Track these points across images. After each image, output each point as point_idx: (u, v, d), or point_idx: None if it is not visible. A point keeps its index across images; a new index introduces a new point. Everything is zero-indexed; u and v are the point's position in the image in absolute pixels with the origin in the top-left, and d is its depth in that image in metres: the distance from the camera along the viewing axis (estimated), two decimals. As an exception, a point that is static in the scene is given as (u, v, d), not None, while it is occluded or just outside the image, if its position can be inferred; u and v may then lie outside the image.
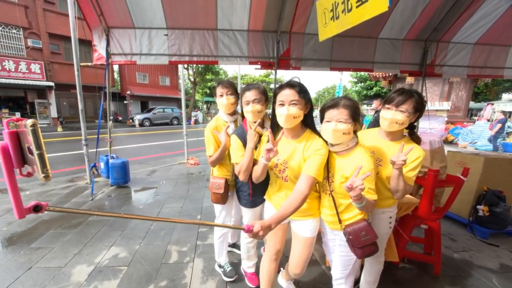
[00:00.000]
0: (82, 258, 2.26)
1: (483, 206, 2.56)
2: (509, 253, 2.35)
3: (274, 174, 1.37)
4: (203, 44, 3.91)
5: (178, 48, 3.91)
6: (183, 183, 4.51)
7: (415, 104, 1.25)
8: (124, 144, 9.49)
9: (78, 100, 3.99)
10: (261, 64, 3.91)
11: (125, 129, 16.09)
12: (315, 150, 1.22)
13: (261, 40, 3.89)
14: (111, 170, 4.15)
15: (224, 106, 1.71)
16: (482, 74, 4.19)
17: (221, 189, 1.71)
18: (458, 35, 3.96)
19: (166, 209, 3.40)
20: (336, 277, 1.39)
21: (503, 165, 2.67)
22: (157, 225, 2.90)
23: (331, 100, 1.23)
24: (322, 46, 3.86)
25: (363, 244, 1.17)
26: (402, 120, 1.24)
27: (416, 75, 4.13)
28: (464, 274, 2.03)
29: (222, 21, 3.78)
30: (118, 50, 3.87)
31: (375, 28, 3.83)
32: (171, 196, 3.85)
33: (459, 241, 2.56)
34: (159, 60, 3.94)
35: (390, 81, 9.31)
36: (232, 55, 3.91)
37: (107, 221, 3.02)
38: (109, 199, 3.76)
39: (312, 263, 2.21)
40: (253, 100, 1.47)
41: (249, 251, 1.88)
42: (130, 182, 4.39)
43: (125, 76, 22.97)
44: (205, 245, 2.48)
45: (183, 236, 2.66)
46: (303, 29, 3.83)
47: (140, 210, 3.39)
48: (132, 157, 6.47)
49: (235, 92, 1.76)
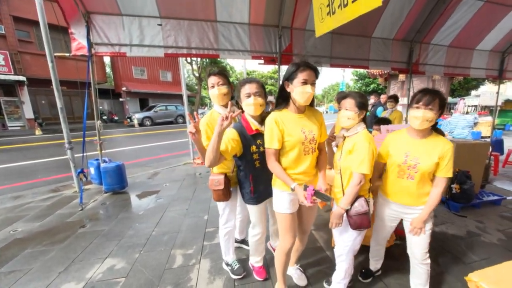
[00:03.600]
0: (70, 275, 1.76)
1: (455, 185, 2.64)
2: (474, 221, 2.46)
3: (302, 150, 1.27)
4: (202, 36, 3.19)
5: (174, 40, 3.13)
6: (189, 184, 3.73)
7: (440, 102, 1.21)
8: (121, 146, 7.63)
9: (56, 97, 3.00)
10: (264, 59, 3.34)
11: (122, 129, 12.79)
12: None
13: (263, 34, 3.32)
14: (104, 175, 3.26)
15: (216, 97, 1.49)
16: (454, 73, 4.19)
17: (221, 185, 1.47)
18: (436, 37, 3.91)
19: (170, 213, 2.73)
20: (338, 253, 1.42)
21: (469, 149, 2.81)
22: (160, 230, 2.39)
23: (344, 92, 1.37)
24: (322, 43, 3.48)
25: (354, 213, 1.24)
26: (432, 117, 1.20)
27: (404, 72, 3.98)
28: (442, 244, 2.10)
29: (222, 13, 3.12)
30: (102, 40, 2.95)
31: (369, 28, 3.60)
32: (175, 199, 3.13)
33: (439, 216, 2.57)
34: (153, 52, 3.11)
35: (385, 78, 9.35)
36: (234, 48, 3.27)
37: (100, 231, 2.34)
38: (103, 207, 2.92)
39: (318, 249, 2.05)
40: (255, 93, 1.30)
41: (258, 247, 1.65)
42: (128, 187, 3.52)
43: (119, 71, 17.99)
44: (212, 245, 2.10)
45: (189, 238, 2.23)
46: (304, 25, 3.37)
47: (140, 216, 2.67)
48: (131, 160, 5.41)
49: (228, 82, 1.52)
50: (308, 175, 1.33)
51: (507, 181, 3.70)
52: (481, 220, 2.46)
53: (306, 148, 1.26)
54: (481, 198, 2.77)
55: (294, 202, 1.34)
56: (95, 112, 3.17)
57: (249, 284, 1.64)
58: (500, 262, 0.88)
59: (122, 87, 17.49)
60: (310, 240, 2.13)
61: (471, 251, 1.95)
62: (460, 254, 1.92)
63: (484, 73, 4.40)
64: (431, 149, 1.22)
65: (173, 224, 2.46)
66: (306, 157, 1.28)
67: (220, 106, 1.52)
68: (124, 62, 17.96)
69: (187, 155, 5.38)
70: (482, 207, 2.73)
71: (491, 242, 2.07)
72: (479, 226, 2.35)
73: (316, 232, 2.28)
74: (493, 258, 1.84)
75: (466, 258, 1.86)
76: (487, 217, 2.53)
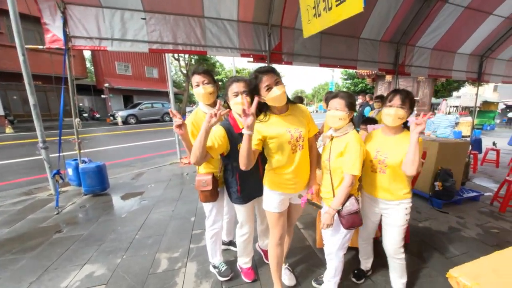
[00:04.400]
0: (43, 285, 1.65)
1: (438, 182, 2.74)
2: (455, 217, 2.56)
3: (290, 149, 1.26)
4: (189, 32, 3.11)
5: (159, 35, 3.03)
6: (176, 184, 3.63)
7: (410, 101, 1.30)
8: (103, 145, 7.32)
9: (28, 92, 2.81)
10: (253, 57, 3.31)
11: (105, 127, 12.16)
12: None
13: (252, 32, 3.30)
14: (83, 176, 3.10)
15: (202, 96, 1.44)
16: (438, 75, 4.38)
17: (209, 185, 1.43)
18: (421, 40, 4.06)
19: (154, 215, 2.64)
20: (328, 252, 1.42)
21: (451, 148, 2.92)
22: (144, 233, 2.30)
23: (333, 92, 1.34)
24: (311, 43, 3.51)
25: (346, 213, 1.24)
26: (403, 115, 1.28)
27: (390, 73, 4.11)
28: (425, 238, 2.18)
29: (209, 8, 3.07)
30: (81, 33, 2.80)
31: (358, 29, 3.68)
32: (160, 200, 3.03)
33: (423, 212, 2.66)
34: (137, 47, 2.99)
35: (373, 79, 9.60)
36: (222, 45, 3.22)
37: (79, 236, 2.21)
38: (82, 210, 2.78)
39: (306, 248, 2.05)
40: (243, 91, 1.28)
41: (246, 248, 1.64)
42: (109, 188, 3.36)
43: (101, 66, 17.22)
44: (199, 248, 2.04)
45: (175, 241, 2.16)
46: (293, 24, 3.38)
47: (123, 219, 2.56)
48: (113, 160, 5.19)
49: (213, 81, 1.49)
50: (301, 176, 1.33)
51: (484, 178, 3.94)
52: (461, 216, 2.59)
53: (294, 146, 1.27)
54: (462, 195, 2.92)
55: (283, 202, 1.35)
56: (72, 109, 2.99)
57: (237, 286, 1.62)
58: (478, 256, 0.92)
59: (104, 83, 16.66)
60: (298, 238, 2.15)
61: (452, 245, 2.05)
62: (442, 249, 2.01)
63: (465, 76, 4.64)
64: (400, 145, 1.29)
65: (158, 227, 2.38)
66: (295, 155, 1.28)
67: (206, 105, 1.48)
68: (106, 57, 17.08)
69: (174, 154, 5.23)
70: (462, 203, 2.88)
71: (470, 237, 2.19)
72: (460, 221, 2.48)
73: (304, 231, 2.29)
74: (471, 252, 1.94)
75: (447, 253, 1.95)
76: (467, 212, 2.67)
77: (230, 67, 26.54)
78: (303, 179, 1.37)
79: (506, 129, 13.25)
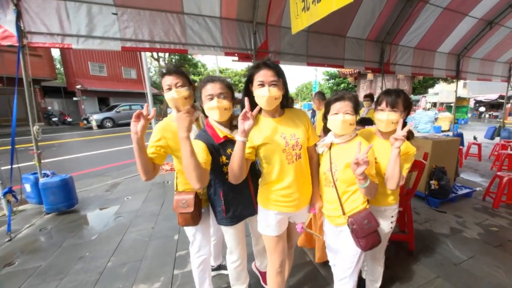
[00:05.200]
0: None
1: (433, 181, 2.68)
2: (454, 216, 2.46)
3: (285, 159, 1.08)
4: (167, 29, 2.85)
5: (133, 32, 2.74)
6: (156, 196, 3.24)
7: (404, 102, 1.18)
8: (74, 152, 6.47)
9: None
10: (238, 55, 3.10)
11: (78, 132, 10.99)
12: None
13: (236, 29, 3.10)
14: (44, 193, 2.66)
15: (176, 101, 1.14)
16: (420, 73, 4.47)
17: (190, 206, 1.17)
18: (404, 39, 4.11)
19: (131, 235, 2.30)
20: (341, 277, 1.19)
21: (444, 146, 2.87)
22: (118, 259, 1.95)
23: (335, 94, 1.14)
24: (298, 41, 3.40)
25: (366, 233, 1.06)
26: (396, 119, 1.15)
27: (376, 71, 4.09)
28: (429, 243, 2.03)
29: (189, 4, 2.85)
30: (38, 28, 2.44)
31: (344, 27, 3.66)
32: (138, 216, 2.67)
33: (421, 213, 2.57)
34: (108, 45, 2.67)
35: (355, 77, 9.71)
36: (204, 44, 2.98)
37: (34, 269, 1.83)
38: (42, 233, 2.36)
39: (307, 265, 1.80)
40: (219, 94, 1.08)
41: (240, 276, 1.36)
42: (78, 204, 2.93)
43: (72, 66, 15.75)
44: (184, 274, 1.73)
45: (155, 267, 1.83)
46: (279, 22, 3.24)
47: (93, 242, 2.19)
48: (86, 169, 4.65)
49: (188, 82, 1.21)
50: (301, 191, 1.13)
51: (471, 172, 3.98)
52: (459, 215, 2.51)
53: (289, 155, 1.07)
54: (456, 192, 2.87)
55: (282, 223, 1.13)
56: (29, 115, 2.56)
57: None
58: (485, 259, 0.76)
59: (76, 85, 15.32)
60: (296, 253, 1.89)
61: (457, 249, 1.93)
62: (448, 254, 1.88)
63: (445, 73, 4.77)
64: (390, 151, 1.12)
65: (135, 250, 2.04)
66: (290, 166, 1.08)
67: None
68: (77, 56, 15.71)
69: (155, 161, 4.80)
70: (457, 201, 2.82)
71: (472, 238, 2.09)
72: (459, 221, 2.39)
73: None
74: (478, 256, 1.83)
75: (454, 259, 1.82)
76: (464, 210, 2.60)
77: (213, 66, 26.14)
78: (305, 194, 1.16)
79: (478, 123, 14.17)
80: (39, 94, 13.48)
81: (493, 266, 1.69)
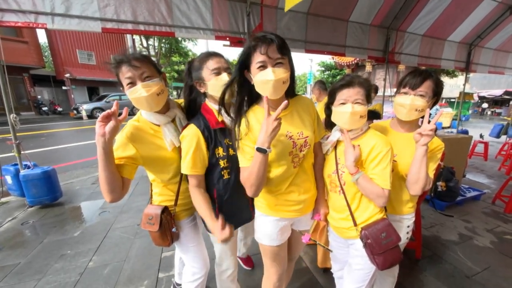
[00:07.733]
0: None
1: (441, 182, 2.41)
2: (462, 221, 2.24)
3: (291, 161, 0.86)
4: (152, 8, 2.51)
5: (115, 11, 2.41)
6: (143, 189, 2.99)
7: (434, 86, 0.92)
8: (63, 142, 6.11)
9: None
10: (230, 40, 2.75)
11: (68, 122, 10.71)
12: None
13: (228, 10, 2.73)
14: (26, 185, 2.47)
15: (146, 101, 0.82)
16: (427, 64, 4.04)
17: (155, 224, 0.93)
18: (412, 25, 3.70)
19: (115, 231, 2.11)
20: None
21: (454, 144, 2.59)
22: (100, 258, 1.78)
23: (342, 78, 0.89)
24: (296, 25, 3.01)
25: (384, 249, 0.83)
26: (422, 105, 0.91)
27: (380, 61, 3.69)
28: (437, 251, 1.82)
29: None
30: (8, 5, 2.13)
31: (346, 10, 3.22)
32: (124, 211, 2.45)
33: (426, 217, 2.33)
34: (87, 25, 2.35)
35: (352, 69, 9.12)
36: (193, 26, 2.64)
37: (12, 267, 1.69)
38: (24, 228, 2.18)
39: (303, 272, 1.61)
40: (226, 68, 0.91)
41: (230, 286, 1.18)
42: (63, 197, 2.72)
43: (60, 54, 14.86)
44: (169, 278, 1.57)
45: (139, 269, 1.67)
46: (275, 2, 2.83)
47: (75, 238, 2.01)
48: (73, 160, 4.44)
49: (158, 72, 0.88)
50: (304, 193, 0.92)
51: (477, 172, 3.67)
52: (467, 219, 2.25)
53: (296, 157, 0.87)
54: (464, 194, 2.60)
55: (284, 230, 0.95)
56: (5, 102, 2.30)
57: None
58: (502, 271, 0.62)
59: (65, 73, 14.67)
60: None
61: (469, 259, 1.68)
62: (460, 264, 1.64)
63: (453, 65, 4.33)
64: (414, 146, 0.89)
65: (119, 249, 1.86)
66: (295, 170, 0.89)
67: (154, 112, 0.90)
68: (65, 44, 15.03)
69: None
70: (464, 204, 2.55)
71: (485, 246, 1.85)
72: (468, 226, 2.14)
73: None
74: (493, 267, 1.59)
75: (467, 270, 1.58)
76: (472, 215, 2.35)
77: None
78: (309, 196, 0.95)
79: (481, 120, 13.49)
80: (29, 82, 12.77)
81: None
